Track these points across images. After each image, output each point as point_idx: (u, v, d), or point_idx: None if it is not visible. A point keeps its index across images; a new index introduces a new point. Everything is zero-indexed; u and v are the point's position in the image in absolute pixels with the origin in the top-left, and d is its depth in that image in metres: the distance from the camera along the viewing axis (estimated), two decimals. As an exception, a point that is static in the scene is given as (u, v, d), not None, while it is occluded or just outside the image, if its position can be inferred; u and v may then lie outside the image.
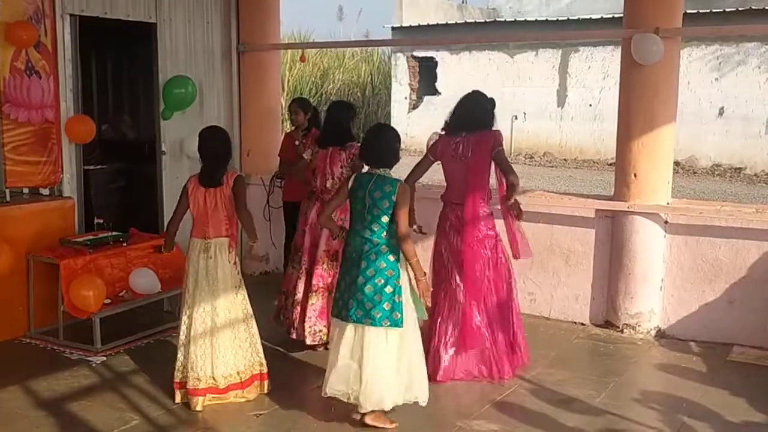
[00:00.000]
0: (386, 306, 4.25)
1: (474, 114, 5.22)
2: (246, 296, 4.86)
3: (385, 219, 4.32)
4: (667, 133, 6.09)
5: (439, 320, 5.16)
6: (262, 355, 4.86)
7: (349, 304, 4.33)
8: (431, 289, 4.63)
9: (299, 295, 5.62)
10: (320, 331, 5.50)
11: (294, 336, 5.64)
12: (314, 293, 5.54)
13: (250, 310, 4.85)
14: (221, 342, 4.68)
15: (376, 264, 4.31)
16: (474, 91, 5.36)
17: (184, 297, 4.78)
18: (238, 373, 4.73)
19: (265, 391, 4.86)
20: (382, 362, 4.27)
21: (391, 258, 4.34)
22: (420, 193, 5.39)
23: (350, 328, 4.35)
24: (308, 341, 5.55)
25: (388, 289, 4.28)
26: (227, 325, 4.72)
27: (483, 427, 4.52)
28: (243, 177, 4.87)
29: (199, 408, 4.64)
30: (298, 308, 5.61)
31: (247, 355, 4.78)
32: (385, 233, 4.34)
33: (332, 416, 4.54)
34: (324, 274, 5.54)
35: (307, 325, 5.53)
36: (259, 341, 4.87)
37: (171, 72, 7.25)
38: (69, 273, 5.75)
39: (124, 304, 6.03)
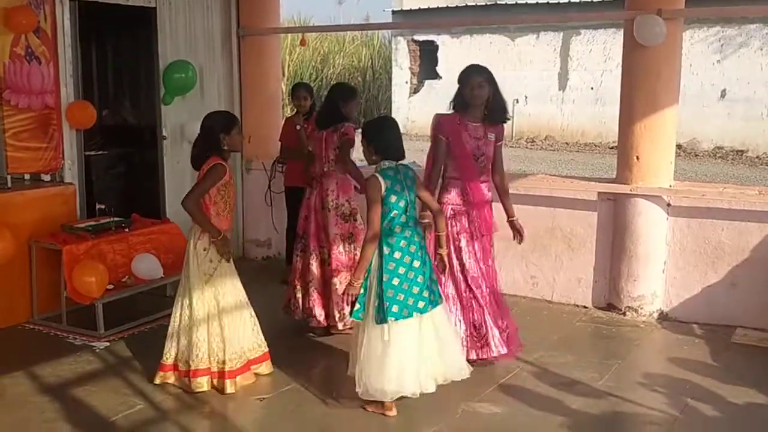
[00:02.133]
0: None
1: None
2: (223, 285, 4.73)
3: None
4: (669, 115, 6.07)
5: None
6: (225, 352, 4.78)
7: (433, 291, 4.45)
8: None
9: (315, 281, 5.58)
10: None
11: (315, 323, 5.61)
12: (335, 277, 5.51)
13: (225, 302, 4.75)
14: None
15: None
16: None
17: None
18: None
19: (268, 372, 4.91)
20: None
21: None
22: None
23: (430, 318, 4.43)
24: (339, 326, 5.53)
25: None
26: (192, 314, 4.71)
27: (486, 409, 4.53)
28: (216, 167, 4.58)
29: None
30: (316, 294, 5.57)
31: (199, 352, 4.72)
32: None
33: (335, 400, 4.54)
34: (341, 257, 5.53)
35: (335, 310, 5.51)
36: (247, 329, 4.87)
37: (171, 57, 7.23)
38: (71, 259, 5.75)
39: (127, 289, 6.03)
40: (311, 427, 4.31)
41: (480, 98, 5.03)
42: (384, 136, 4.45)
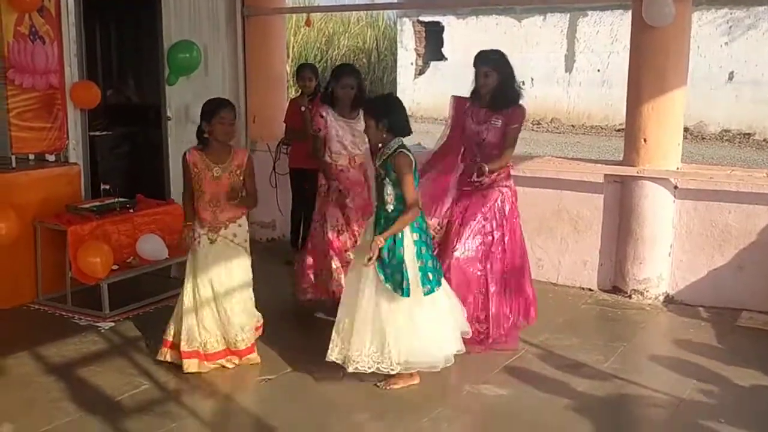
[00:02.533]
0: None
1: None
2: (206, 273, 4.74)
3: None
4: (677, 97, 6.01)
5: None
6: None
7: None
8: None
9: (338, 264, 5.48)
10: None
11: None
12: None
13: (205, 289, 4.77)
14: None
15: None
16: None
17: None
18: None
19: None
20: None
21: None
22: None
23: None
24: None
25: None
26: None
27: (491, 391, 4.53)
28: (185, 153, 4.71)
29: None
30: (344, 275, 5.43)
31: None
32: None
33: (342, 381, 4.54)
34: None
35: None
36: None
37: (175, 37, 7.19)
38: (76, 239, 5.75)
39: (132, 270, 6.03)
40: (317, 408, 4.32)
41: (486, 87, 5.10)
42: (396, 113, 4.41)
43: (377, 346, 4.34)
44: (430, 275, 4.38)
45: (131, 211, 6.23)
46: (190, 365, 4.70)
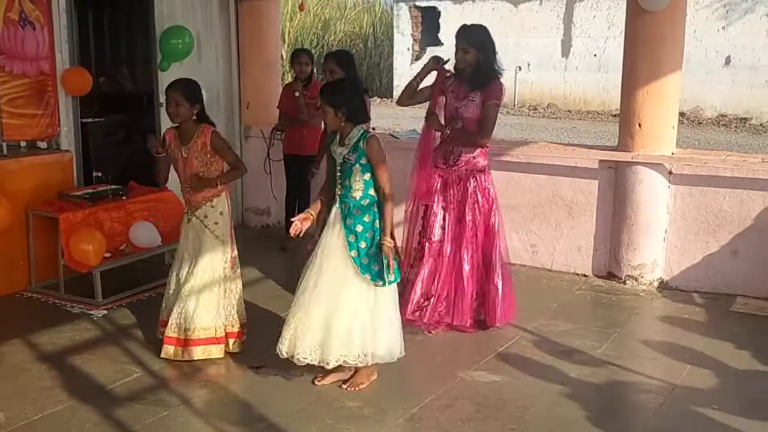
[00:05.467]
0: None
1: None
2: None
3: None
4: (672, 82, 5.98)
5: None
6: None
7: None
8: None
9: None
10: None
11: None
12: None
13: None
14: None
15: None
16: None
17: None
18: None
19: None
20: None
21: None
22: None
23: None
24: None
25: None
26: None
27: (484, 377, 4.52)
28: (164, 132, 4.87)
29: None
30: None
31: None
32: None
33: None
34: None
35: None
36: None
37: (168, 22, 7.13)
38: (68, 227, 5.72)
39: (125, 257, 6.01)
40: (308, 396, 4.30)
41: (462, 62, 5.12)
42: (354, 101, 4.28)
43: (332, 340, 4.21)
44: (395, 265, 4.26)
45: (124, 198, 6.20)
46: (166, 351, 4.73)
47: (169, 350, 4.72)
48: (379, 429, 3.93)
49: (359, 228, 4.20)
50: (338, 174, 4.28)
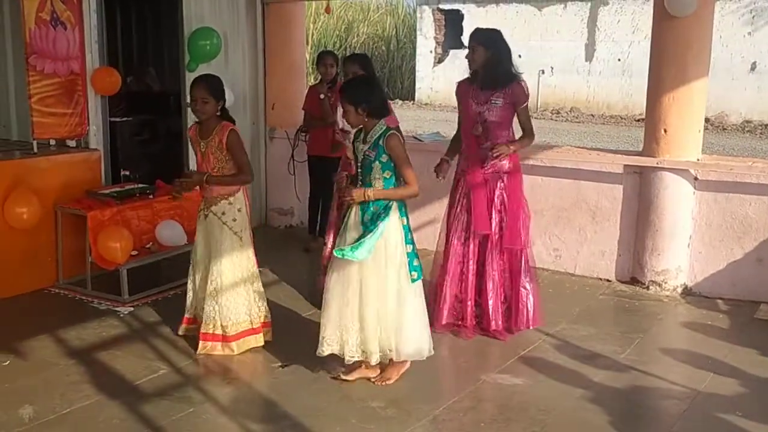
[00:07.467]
0: None
1: None
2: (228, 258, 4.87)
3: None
4: (698, 87, 5.96)
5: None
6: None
7: None
8: None
9: None
10: None
11: None
12: None
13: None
14: None
15: None
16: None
17: None
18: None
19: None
20: None
21: None
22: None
23: None
24: None
25: None
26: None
27: (507, 380, 4.54)
28: (190, 126, 5.00)
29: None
30: None
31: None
32: None
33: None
34: None
35: None
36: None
37: (196, 23, 7.20)
38: (96, 224, 5.79)
39: (151, 255, 6.08)
40: (333, 394, 4.33)
41: (472, 62, 5.14)
42: (375, 96, 4.34)
43: (368, 336, 4.29)
44: (416, 262, 4.33)
45: (151, 197, 6.27)
46: (203, 347, 4.82)
47: (207, 346, 4.79)
48: (402, 429, 3.96)
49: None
50: (359, 171, 4.35)
